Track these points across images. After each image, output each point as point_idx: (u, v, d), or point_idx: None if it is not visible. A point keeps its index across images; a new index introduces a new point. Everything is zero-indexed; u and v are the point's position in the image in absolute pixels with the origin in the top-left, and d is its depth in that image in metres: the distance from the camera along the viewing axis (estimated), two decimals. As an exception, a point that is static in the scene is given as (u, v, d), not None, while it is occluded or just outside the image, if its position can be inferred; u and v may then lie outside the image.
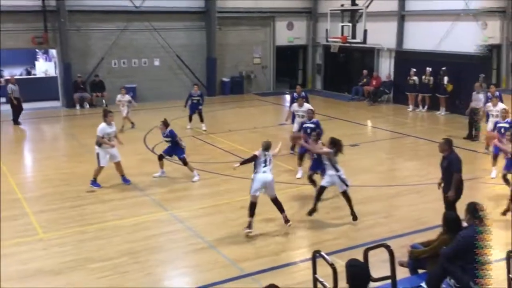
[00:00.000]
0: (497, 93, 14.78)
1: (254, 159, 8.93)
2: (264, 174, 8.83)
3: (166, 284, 7.53)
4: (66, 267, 7.77)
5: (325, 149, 9.44)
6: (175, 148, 12.05)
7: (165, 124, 12.01)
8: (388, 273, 5.52)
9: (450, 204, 8.32)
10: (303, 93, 15.11)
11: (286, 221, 9.06)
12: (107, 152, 11.32)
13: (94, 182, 11.39)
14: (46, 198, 10.83)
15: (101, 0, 21.29)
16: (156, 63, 23.44)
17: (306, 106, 13.91)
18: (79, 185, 11.58)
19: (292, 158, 13.23)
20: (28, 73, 25.06)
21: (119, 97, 17.46)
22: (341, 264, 6.27)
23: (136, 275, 7.54)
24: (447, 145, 8.50)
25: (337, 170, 9.34)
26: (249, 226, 8.81)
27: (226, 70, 24.95)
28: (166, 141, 12.18)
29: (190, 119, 17.32)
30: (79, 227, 9.25)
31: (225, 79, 24.89)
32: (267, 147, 8.99)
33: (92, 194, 11.01)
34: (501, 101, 14.39)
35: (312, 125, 11.94)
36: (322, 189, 9.45)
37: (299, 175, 11.98)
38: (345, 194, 9.38)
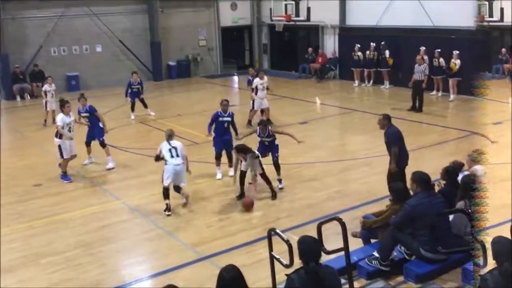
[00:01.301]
0: None
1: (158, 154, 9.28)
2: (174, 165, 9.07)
3: (122, 273, 7.41)
4: (17, 263, 7.53)
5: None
6: (94, 129, 11.76)
7: (85, 98, 11.87)
8: (342, 245, 5.65)
9: (396, 176, 8.45)
10: (256, 74, 15.11)
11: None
12: (68, 143, 10.97)
13: (64, 176, 10.97)
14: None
15: (36, -14, 20.42)
16: (98, 49, 22.77)
17: (266, 78, 14.67)
18: (25, 179, 11.19)
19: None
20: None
21: (46, 87, 16.24)
22: (296, 241, 6.39)
23: (90, 267, 7.39)
24: (386, 120, 8.61)
25: (258, 156, 9.43)
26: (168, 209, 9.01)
27: (172, 53, 24.54)
28: (83, 117, 11.93)
29: (133, 109, 16.76)
30: (27, 222, 8.96)
31: (171, 63, 24.49)
32: (169, 136, 9.31)
33: (39, 188, 10.66)
34: None
35: (229, 119, 10.90)
36: (243, 174, 9.44)
37: (219, 176, 10.89)
38: (263, 175, 9.47)
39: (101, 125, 11.89)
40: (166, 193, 9.07)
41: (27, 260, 7.65)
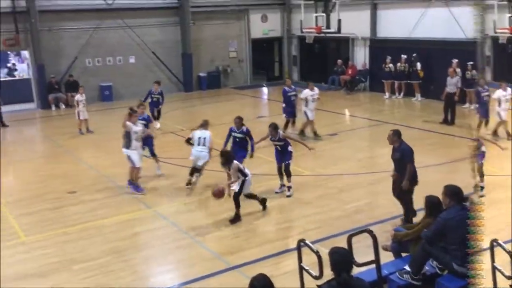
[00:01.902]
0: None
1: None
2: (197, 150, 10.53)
3: (152, 281, 7.51)
4: (50, 269, 7.71)
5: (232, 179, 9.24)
6: (146, 138, 11.62)
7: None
8: (372, 258, 5.61)
9: (406, 194, 8.31)
10: (292, 86, 15.09)
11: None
12: (138, 153, 10.87)
13: (136, 187, 10.84)
14: (26, 201, 10.68)
15: (72, -1, 21.02)
16: (131, 60, 23.21)
17: (317, 89, 14.72)
18: (59, 186, 11.46)
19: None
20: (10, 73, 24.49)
21: (78, 96, 16.60)
22: (325, 252, 6.36)
23: (121, 274, 7.51)
24: (396, 137, 8.39)
25: (245, 175, 9.11)
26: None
27: (202, 65, 24.84)
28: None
29: (154, 118, 16.60)
30: (61, 229, 9.16)
31: (201, 74, 24.78)
32: (202, 126, 10.66)
33: (73, 195, 10.90)
34: None
35: (240, 135, 10.71)
36: (236, 195, 9.13)
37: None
38: (236, 196, 9.09)
39: (152, 134, 11.90)
40: (191, 171, 10.79)
41: (60, 266, 7.83)
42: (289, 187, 10.31)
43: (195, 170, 10.91)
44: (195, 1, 23.79)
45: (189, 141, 11.04)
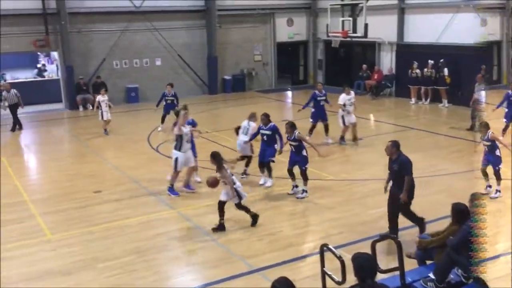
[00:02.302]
0: None
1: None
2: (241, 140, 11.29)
3: (174, 282, 7.56)
4: (75, 267, 7.82)
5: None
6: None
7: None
8: (396, 265, 5.54)
9: (403, 206, 8.09)
10: (323, 91, 14.95)
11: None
12: (186, 156, 10.80)
13: (171, 190, 10.81)
14: (52, 199, 10.87)
15: (102, 1, 21.32)
16: (158, 63, 23.46)
17: (353, 93, 14.66)
18: (85, 186, 11.64)
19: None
20: (40, 73, 25.08)
21: (99, 97, 16.82)
22: (348, 258, 6.31)
23: (144, 274, 7.58)
24: (395, 148, 8.13)
25: (233, 182, 8.89)
26: None
27: (228, 68, 24.98)
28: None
29: (163, 120, 16.85)
30: (86, 228, 9.29)
31: (226, 77, 24.91)
32: (250, 117, 11.31)
33: (98, 195, 11.05)
34: None
35: (268, 132, 10.97)
36: (221, 204, 8.97)
37: (260, 181, 11.32)
38: (238, 205, 8.96)
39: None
40: (240, 158, 11.53)
41: (85, 264, 7.94)
42: (304, 191, 10.37)
43: (244, 157, 11.65)
44: (222, 4, 23.94)
45: (237, 131, 11.93)
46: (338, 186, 11.15)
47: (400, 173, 8.02)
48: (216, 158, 8.93)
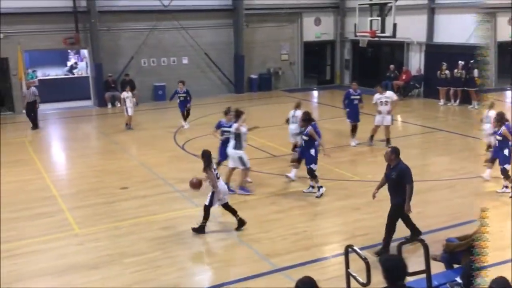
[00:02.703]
0: None
1: None
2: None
3: (198, 279, 7.62)
4: (101, 261, 7.95)
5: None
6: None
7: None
8: (422, 267, 5.46)
9: (404, 215, 7.86)
10: (358, 90, 14.72)
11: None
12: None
13: (243, 188, 10.78)
14: (80, 194, 11.07)
15: (131, 0, 21.60)
16: (185, 61, 23.63)
17: (389, 93, 14.52)
18: (112, 182, 11.81)
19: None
20: (71, 70, 25.57)
21: (124, 94, 17.40)
22: (373, 260, 6.27)
23: (169, 270, 7.65)
24: (394, 155, 7.78)
25: (214, 186, 8.75)
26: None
27: (254, 67, 25.00)
28: (225, 132, 11.16)
29: (184, 118, 17.30)
30: (113, 223, 9.43)
31: (252, 76, 24.94)
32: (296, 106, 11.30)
33: (125, 191, 11.20)
34: None
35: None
36: (206, 208, 8.83)
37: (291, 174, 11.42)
38: (205, 207, 8.82)
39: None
40: (293, 147, 12.46)
41: (111, 258, 8.06)
42: (319, 187, 10.41)
43: (296, 146, 12.26)
44: (249, 3, 23.97)
45: (287, 121, 12.84)
46: (363, 187, 11.04)
47: (398, 182, 7.67)
48: (204, 157, 8.71)
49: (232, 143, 10.63)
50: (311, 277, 4.19)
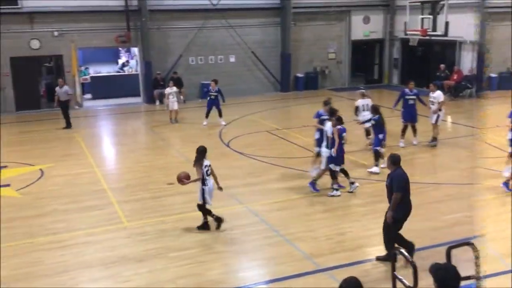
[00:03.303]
0: None
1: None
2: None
3: (241, 275, 7.66)
4: (148, 254, 8.12)
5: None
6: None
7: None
8: (471, 273, 5.28)
9: (389, 227, 7.43)
10: (414, 90, 14.40)
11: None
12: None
13: (313, 185, 10.75)
14: (129, 189, 11.35)
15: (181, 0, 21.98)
16: (232, 59, 23.81)
17: (438, 93, 14.28)
18: (159, 177, 12.05)
19: (367, 153, 13.01)
20: (122, 68, 26.24)
21: (167, 89, 18.10)
22: (420, 263, 6.11)
23: (212, 265, 7.74)
24: (390, 161, 7.51)
25: (205, 184, 8.87)
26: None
27: (300, 65, 24.91)
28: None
29: (207, 115, 17.52)
30: (159, 217, 9.63)
31: (299, 75, 24.85)
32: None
33: (172, 186, 11.36)
34: None
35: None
36: (200, 206, 9.01)
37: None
38: (199, 206, 8.97)
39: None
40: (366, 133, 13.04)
41: (157, 252, 8.22)
42: (333, 188, 10.45)
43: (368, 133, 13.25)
44: (297, 2, 23.89)
45: (356, 112, 13.51)
46: (412, 189, 10.80)
47: (391, 189, 7.37)
48: (197, 152, 8.91)
49: (325, 143, 10.67)
50: (356, 277, 4.13)
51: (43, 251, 8.34)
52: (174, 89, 18.02)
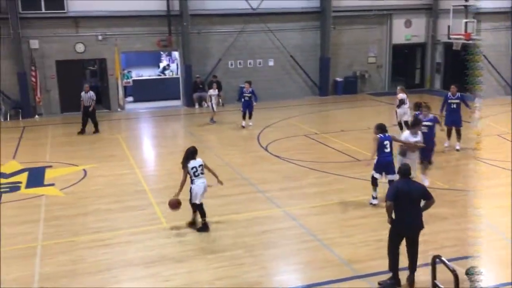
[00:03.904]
0: None
1: None
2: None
3: (279, 279, 7.66)
4: (187, 255, 8.25)
5: None
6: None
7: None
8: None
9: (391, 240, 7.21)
10: (458, 94, 14.24)
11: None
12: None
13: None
14: (168, 190, 11.44)
15: (221, 3, 22.20)
16: (270, 63, 23.87)
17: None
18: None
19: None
20: (163, 72, 26.73)
21: (210, 91, 18.58)
22: (461, 272, 5.99)
23: (250, 268, 7.78)
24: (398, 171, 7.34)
25: (191, 181, 9.20)
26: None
27: (340, 69, 24.73)
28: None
29: (244, 117, 17.86)
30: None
31: (338, 79, 24.67)
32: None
33: (210, 189, 11.37)
34: None
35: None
36: (193, 205, 9.40)
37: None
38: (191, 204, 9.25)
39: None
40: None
41: (195, 253, 8.34)
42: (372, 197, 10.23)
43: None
44: (338, 5, 23.75)
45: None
46: (452, 196, 10.60)
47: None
48: (186, 153, 9.31)
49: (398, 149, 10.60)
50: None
51: (86, 249, 8.59)
52: (217, 91, 18.48)
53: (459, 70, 24.12)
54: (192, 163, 9.20)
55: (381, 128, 10.11)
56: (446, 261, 5.36)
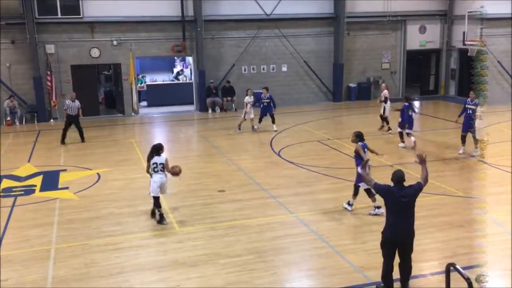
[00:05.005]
0: None
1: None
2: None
3: (291, 285, 7.63)
4: (199, 260, 8.24)
5: None
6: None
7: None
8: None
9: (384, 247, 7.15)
10: (476, 100, 14.19)
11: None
12: None
13: None
14: (181, 195, 11.57)
15: (235, 9, 22.31)
16: (284, 69, 23.88)
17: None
18: (210, 184, 12.22)
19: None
20: (177, 77, 26.89)
21: (246, 98, 18.33)
22: (474, 279, 5.90)
23: (263, 274, 7.76)
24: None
25: (151, 175, 9.93)
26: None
27: (353, 75, 24.67)
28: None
29: (260, 120, 18.25)
30: (210, 224, 9.76)
31: (351, 85, 24.60)
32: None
33: (222, 194, 11.53)
34: None
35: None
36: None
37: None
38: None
39: None
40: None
41: (208, 258, 8.33)
42: (375, 207, 9.98)
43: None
44: (352, 11, 23.70)
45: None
46: (467, 204, 10.48)
47: None
48: (151, 148, 10.09)
49: None
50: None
51: (98, 253, 8.63)
52: (252, 98, 18.24)
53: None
54: (155, 159, 9.87)
55: (359, 136, 10.22)
56: (461, 269, 5.29)
